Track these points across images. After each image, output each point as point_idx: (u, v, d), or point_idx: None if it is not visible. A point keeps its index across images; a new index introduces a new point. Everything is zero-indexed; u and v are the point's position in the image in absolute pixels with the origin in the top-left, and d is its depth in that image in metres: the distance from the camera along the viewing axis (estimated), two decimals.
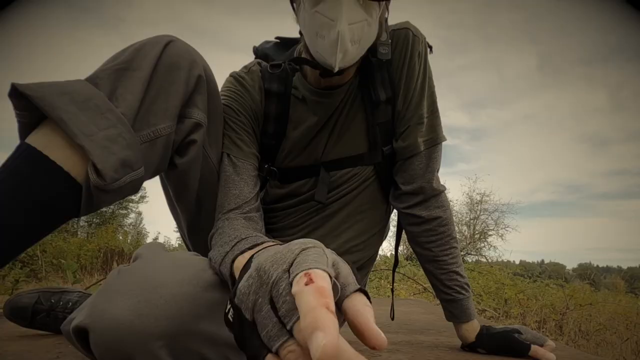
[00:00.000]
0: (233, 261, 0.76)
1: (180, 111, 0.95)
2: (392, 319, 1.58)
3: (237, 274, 0.71)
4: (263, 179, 1.25)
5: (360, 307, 0.47)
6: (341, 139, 1.22)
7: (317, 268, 0.45)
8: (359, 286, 0.50)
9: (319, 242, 0.54)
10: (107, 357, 0.74)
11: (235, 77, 1.21)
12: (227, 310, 0.53)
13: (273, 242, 0.75)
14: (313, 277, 0.44)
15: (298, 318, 0.43)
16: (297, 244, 0.53)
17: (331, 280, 0.46)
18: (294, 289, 0.43)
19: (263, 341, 0.47)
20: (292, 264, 0.48)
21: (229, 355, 0.87)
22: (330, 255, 0.53)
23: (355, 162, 1.25)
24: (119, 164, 0.80)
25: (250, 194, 1.09)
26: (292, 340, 0.44)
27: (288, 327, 0.44)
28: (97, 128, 0.78)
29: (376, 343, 0.43)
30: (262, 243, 0.76)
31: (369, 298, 0.49)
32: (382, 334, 0.43)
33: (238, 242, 0.83)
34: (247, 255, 0.73)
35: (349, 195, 1.27)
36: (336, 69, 0.99)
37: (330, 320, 0.39)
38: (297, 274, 0.45)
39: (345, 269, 0.53)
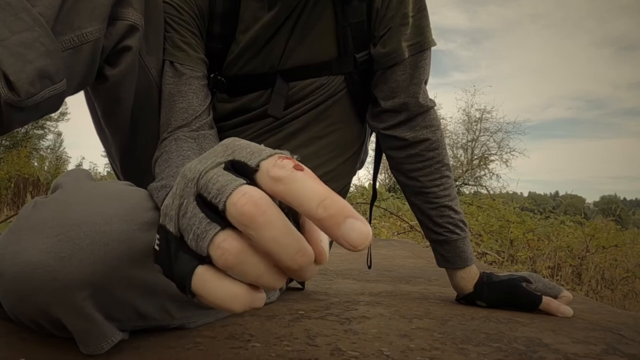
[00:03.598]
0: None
1: (111, 11, 0.93)
2: (369, 266, 1.61)
3: None
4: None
5: None
6: (304, 41, 1.22)
7: (283, 154, 0.46)
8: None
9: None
10: (19, 309, 0.75)
11: None
12: (154, 243, 0.52)
13: None
14: (296, 162, 0.44)
15: (234, 189, 0.43)
16: (226, 143, 0.52)
17: None
18: (280, 173, 0.43)
19: (191, 250, 0.46)
20: (232, 157, 0.48)
21: (168, 308, 0.90)
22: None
23: (320, 71, 1.25)
24: (36, 75, 0.79)
25: (201, 107, 1.10)
26: (225, 230, 0.44)
27: (221, 206, 0.44)
28: (9, 31, 0.77)
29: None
30: None
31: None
32: None
33: None
34: None
35: (312, 112, 1.28)
36: None
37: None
38: (265, 158, 0.45)
39: None
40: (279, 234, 0.41)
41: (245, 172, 0.45)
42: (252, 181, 0.45)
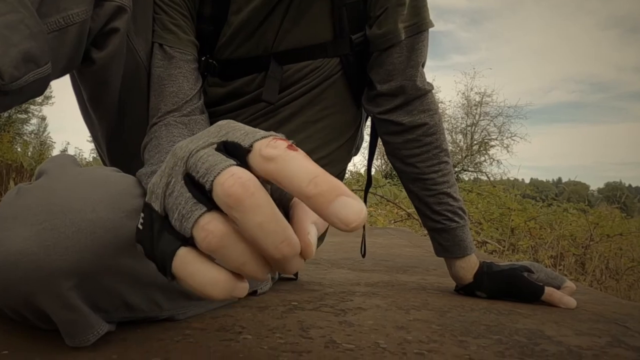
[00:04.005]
0: None
1: None
2: (363, 255, 1.61)
3: None
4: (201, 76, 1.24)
5: None
6: (298, 22, 1.21)
7: (278, 136, 0.46)
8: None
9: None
10: (2, 299, 0.75)
11: None
12: (138, 221, 0.52)
13: None
14: (290, 143, 0.44)
15: (223, 169, 0.43)
16: (220, 124, 0.53)
17: None
18: (273, 152, 0.43)
19: (175, 231, 0.47)
20: (225, 137, 0.48)
21: (156, 299, 0.90)
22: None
23: (315, 54, 1.25)
24: (20, 59, 0.78)
25: (192, 91, 1.10)
26: (211, 212, 0.44)
27: (207, 186, 0.44)
28: None
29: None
30: None
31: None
32: None
33: None
34: None
35: (307, 96, 1.28)
36: None
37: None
38: (259, 139, 0.46)
39: None
40: (265, 219, 0.41)
41: (238, 154, 0.45)
42: (244, 164, 0.45)
